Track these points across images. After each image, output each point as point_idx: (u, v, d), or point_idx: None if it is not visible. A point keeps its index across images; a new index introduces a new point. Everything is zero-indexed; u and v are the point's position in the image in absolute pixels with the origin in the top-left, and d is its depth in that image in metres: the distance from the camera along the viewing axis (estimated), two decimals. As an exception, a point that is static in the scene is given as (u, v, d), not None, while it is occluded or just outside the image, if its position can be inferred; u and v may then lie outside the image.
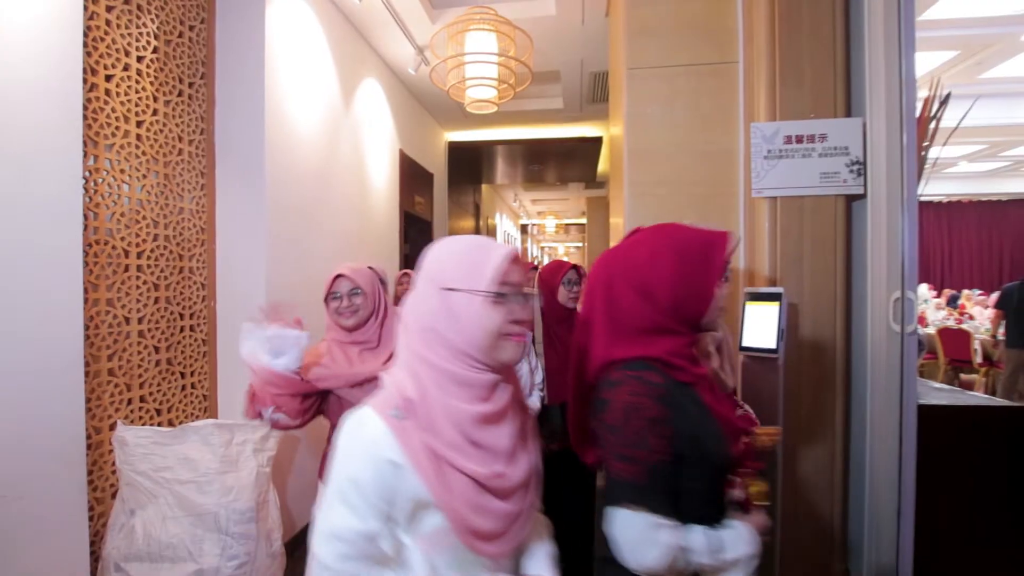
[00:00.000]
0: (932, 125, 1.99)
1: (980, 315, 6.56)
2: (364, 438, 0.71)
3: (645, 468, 0.80)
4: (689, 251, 0.89)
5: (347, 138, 3.22)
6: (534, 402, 1.95)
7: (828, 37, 1.81)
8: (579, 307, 1.91)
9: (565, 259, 2.26)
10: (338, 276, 1.44)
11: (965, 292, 8.06)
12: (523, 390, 1.76)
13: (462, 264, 0.74)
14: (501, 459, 0.73)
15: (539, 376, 2.01)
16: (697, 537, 0.81)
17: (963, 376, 5.55)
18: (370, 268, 1.78)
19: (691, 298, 0.88)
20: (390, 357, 1.42)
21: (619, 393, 0.84)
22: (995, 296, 5.52)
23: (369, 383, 1.37)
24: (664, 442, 0.81)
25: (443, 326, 0.72)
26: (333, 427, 1.46)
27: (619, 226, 2.37)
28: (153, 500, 1.73)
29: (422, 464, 0.69)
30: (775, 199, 1.86)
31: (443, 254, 0.77)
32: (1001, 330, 4.93)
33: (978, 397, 2.02)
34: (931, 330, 5.86)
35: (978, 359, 5.45)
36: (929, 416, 1.61)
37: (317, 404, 1.44)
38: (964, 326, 5.84)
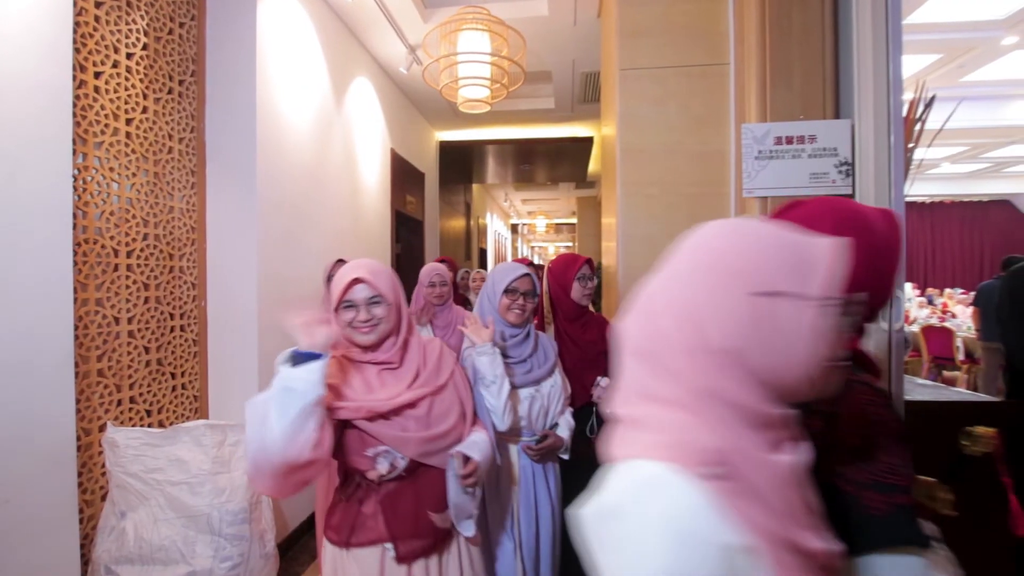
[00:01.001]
0: (917, 127, 2.03)
1: (962, 314, 6.69)
2: (673, 513, 0.46)
3: (912, 495, 0.63)
4: (875, 234, 0.72)
5: (338, 137, 3.20)
6: (564, 430, 1.55)
7: (817, 40, 1.84)
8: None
9: (565, 254, 2.15)
10: (354, 281, 1.12)
11: (947, 291, 8.23)
12: (553, 410, 1.55)
13: (782, 258, 0.50)
14: (820, 525, 0.53)
15: (569, 389, 1.64)
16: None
17: (945, 373, 5.66)
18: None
19: (873, 287, 0.72)
20: (416, 378, 1.18)
21: (848, 405, 0.66)
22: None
23: (395, 413, 1.12)
24: (912, 460, 0.65)
25: (752, 345, 0.49)
26: (346, 468, 1.17)
27: (611, 226, 2.38)
28: (144, 502, 1.72)
29: (773, 548, 0.47)
30: (766, 199, 1.89)
31: (745, 243, 0.51)
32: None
33: (963, 393, 2.06)
34: (915, 328, 5.97)
35: (960, 356, 5.57)
36: (915, 412, 1.64)
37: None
38: (947, 324, 5.96)
